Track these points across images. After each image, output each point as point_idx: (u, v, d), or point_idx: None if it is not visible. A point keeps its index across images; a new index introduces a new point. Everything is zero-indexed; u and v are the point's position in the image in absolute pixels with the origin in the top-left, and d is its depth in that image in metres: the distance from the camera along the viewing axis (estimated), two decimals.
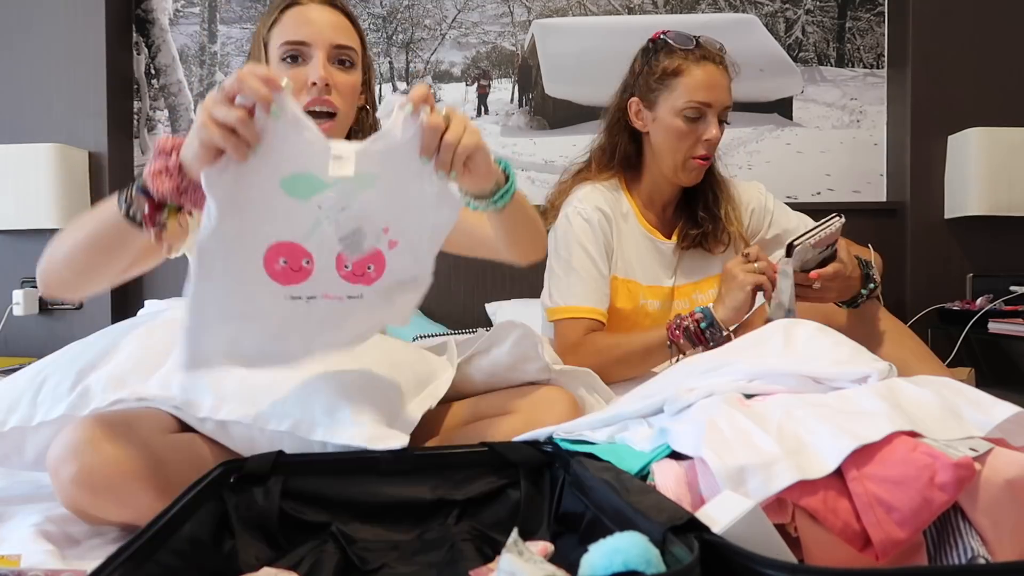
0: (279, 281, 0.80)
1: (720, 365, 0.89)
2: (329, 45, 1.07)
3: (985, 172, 2.11)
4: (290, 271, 0.80)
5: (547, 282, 1.48)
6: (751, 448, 0.66)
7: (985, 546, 0.61)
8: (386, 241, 0.83)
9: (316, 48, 1.06)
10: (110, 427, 0.84)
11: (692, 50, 1.41)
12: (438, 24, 2.49)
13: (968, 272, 2.24)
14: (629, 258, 1.48)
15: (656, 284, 1.50)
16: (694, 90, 1.39)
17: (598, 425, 0.89)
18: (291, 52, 1.06)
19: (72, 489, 0.82)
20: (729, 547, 0.51)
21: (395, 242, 0.83)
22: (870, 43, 2.42)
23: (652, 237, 1.50)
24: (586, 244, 1.42)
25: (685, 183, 1.46)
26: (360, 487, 0.78)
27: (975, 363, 2.08)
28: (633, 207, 1.50)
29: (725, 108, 1.42)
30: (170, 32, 2.50)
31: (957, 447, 0.64)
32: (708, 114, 1.39)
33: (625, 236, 1.48)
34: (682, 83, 1.40)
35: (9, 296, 2.28)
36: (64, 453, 0.82)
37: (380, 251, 0.83)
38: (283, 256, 0.79)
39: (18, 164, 2.21)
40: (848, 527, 0.62)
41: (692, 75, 1.39)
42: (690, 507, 0.65)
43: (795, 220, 1.60)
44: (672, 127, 1.41)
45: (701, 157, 1.41)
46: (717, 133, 1.39)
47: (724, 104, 1.41)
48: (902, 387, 0.77)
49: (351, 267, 0.82)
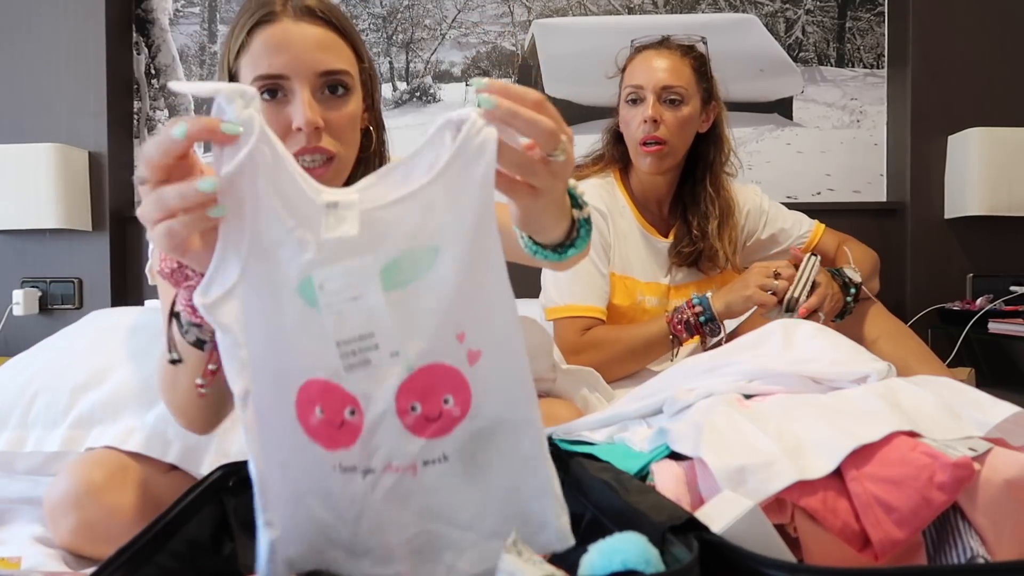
0: (321, 443, 0.52)
1: (719, 365, 0.89)
2: (313, 75, 0.84)
3: (985, 172, 2.11)
4: (331, 428, 0.52)
5: (546, 281, 1.48)
6: (750, 448, 0.66)
7: (984, 546, 0.62)
8: (464, 353, 0.51)
9: (297, 81, 0.83)
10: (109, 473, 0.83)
11: (638, 46, 1.50)
12: (438, 24, 2.49)
13: (968, 272, 2.23)
14: (626, 255, 1.48)
15: (653, 281, 1.50)
16: (630, 76, 1.47)
17: (597, 425, 0.89)
18: (267, 87, 0.83)
19: (71, 539, 0.81)
20: (728, 547, 0.51)
21: (477, 352, 0.51)
22: (870, 43, 2.42)
23: (648, 235, 1.51)
24: None
25: (646, 171, 1.46)
26: None
27: (975, 363, 2.08)
28: (629, 204, 1.51)
29: (665, 87, 1.41)
30: (170, 32, 2.50)
31: (956, 447, 0.64)
32: (643, 94, 1.43)
33: (622, 233, 1.48)
34: (626, 75, 1.50)
35: (9, 296, 2.28)
36: (64, 503, 0.80)
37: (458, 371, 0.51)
38: (319, 403, 0.52)
39: (18, 164, 2.21)
40: (847, 527, 0.62)
41: (632, 64, 1.49)
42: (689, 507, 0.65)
43: (790, 220, 1.61)
44: (622, 116, 1.49)
45: (645, 141, 1.42)
46: (650, 113, 1.40)
47: (661, 83, 1.41)
48: (901, 387, 0.77)
49: (420, 409, 0.51)
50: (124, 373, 0.99)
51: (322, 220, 0.49)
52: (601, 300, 1.43)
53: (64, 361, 1.03)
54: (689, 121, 1.43)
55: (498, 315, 0.51)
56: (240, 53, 0.85)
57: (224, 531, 0.70)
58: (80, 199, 2.27)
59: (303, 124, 0.82)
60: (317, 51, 0.84)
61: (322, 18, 0.86)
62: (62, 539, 0.82)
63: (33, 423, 0.94)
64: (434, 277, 0.50)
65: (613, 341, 1.36)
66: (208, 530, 0.67)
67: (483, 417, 0.52)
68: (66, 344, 1.09)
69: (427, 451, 0.51)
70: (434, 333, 0.50)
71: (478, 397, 0.51)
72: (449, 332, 0.51)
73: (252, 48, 0.84)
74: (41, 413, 0.94)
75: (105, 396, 0.95)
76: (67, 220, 2.22)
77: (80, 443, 0.91)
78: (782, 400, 0.78)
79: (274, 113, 0.83)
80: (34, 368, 1.02)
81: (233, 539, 0.70)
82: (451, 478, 0.52)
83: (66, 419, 0.93)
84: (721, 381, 0.85)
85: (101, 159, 2.33)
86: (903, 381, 0.79)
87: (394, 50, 2.49)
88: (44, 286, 2.32)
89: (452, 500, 0.52)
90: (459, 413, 0.51)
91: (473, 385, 0.51)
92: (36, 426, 0.93)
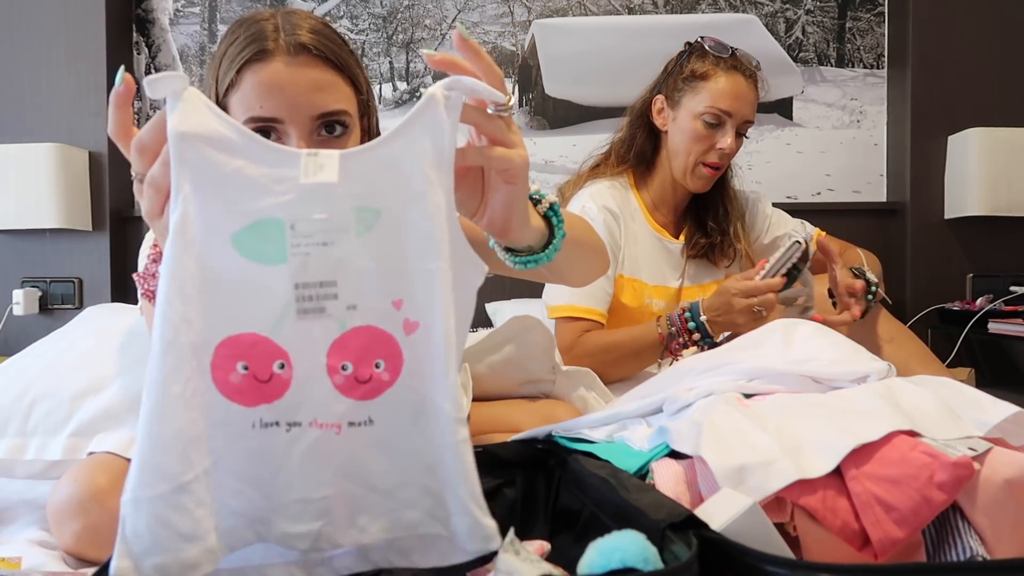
0: (237, 400, 0.51)
1: (719, 365, 0.89)
2: (309, 119, 0.80)
3: (985, 172, 2.11)
4: (255, 383, 0.51)
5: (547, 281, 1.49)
6: (750, 447, 0.66)
7: (984, 546, 0.61)
8: (400, 321, 0.52)
9: (292, 125, 0.79)
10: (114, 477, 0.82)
11: (725, 58, 1.42)
12: (438, 24, 2.49)
13: (968, 272, 2.23)
14: (636, 257, 1.48)
15: (662, 284, 1.50)
16: (717, 96, 1.39)
17: (597, 424, 0.89)
18: (259, 129, 0.79)
19: (76, 543, 0.81)
20: (728, 544, 0.51)
21: (415, 324, 0.52)
22: (870, 43, 2.42)
23: (660, 237, 1.51)
24: None
25: (692, 188, 1.46)
26: None
27: (975, 363, 2.08)
28: (641, 206, 1.51)
29: (746, 122, 1.43)
30: (170, 32, 2.50)
31: (956, 446, 0.64)
32: (727, 123, 1.40)
33: (633, 235, 1.48)
34: (707, 87, 1.41)
35: (9, 296, 2.28)
36: (68, 508, 0.81)
37: (392, 336, 0.52)
38: (242, 359, 0.50)
39: (18, 164, 2.21)
40: (847, 526, 0.62)
41: (718, 81, 1.40)
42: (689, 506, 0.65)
43: (791, 226, 1.62)
44: (689, 129, 1.42)
45: (712, 165, 1.42)
46: (732, 144, 1.40)
47: (745, 117, 1.42)
48: (901, 387, 0.77)
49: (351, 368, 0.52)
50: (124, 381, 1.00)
51: (299, 165, 0.49)
52: (602, 303, 1.43)
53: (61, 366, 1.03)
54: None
55: (437, 295, 0.50)
56: (230, 90, 0.81)
57: None
58: (80, 199, 2.27)
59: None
60: (313, 93, 0.79)
61: (318, 55, 0.80)
62: (66, 544, 0.82)
63: (33, 431, 0.94)
64: (371, 239, 0.51)
65: (604, 350, 1.36)
66: None
67: (411, 389, 0.52)
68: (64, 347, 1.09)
69: (353, 412, 0.52)
70: (370, 295, 0.51)
71: (409, 366, 0.52)
72: (385, 297, 0.51)
73: (243, 87, 0.80)
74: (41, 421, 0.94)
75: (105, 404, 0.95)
76: (67, 220, 2.22)
77: (81, 451, 0.92)
78: (782, 399, 0.78)
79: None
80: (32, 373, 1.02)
81: None
82: (374, 443, 0.52)
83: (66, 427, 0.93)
84: (721, 380, 0.85)
85: (101, 159, 2.33)
86: (903, 381, 0.79)
87: (394, 50, 2.49)
88: (44, 286, 2.32)
89: (373, 465, 0.52)
90: (388, 379, 0.52)
91: (406, 354, 0.52)
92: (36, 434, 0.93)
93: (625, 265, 1.47)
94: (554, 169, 2.41)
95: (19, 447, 0.92)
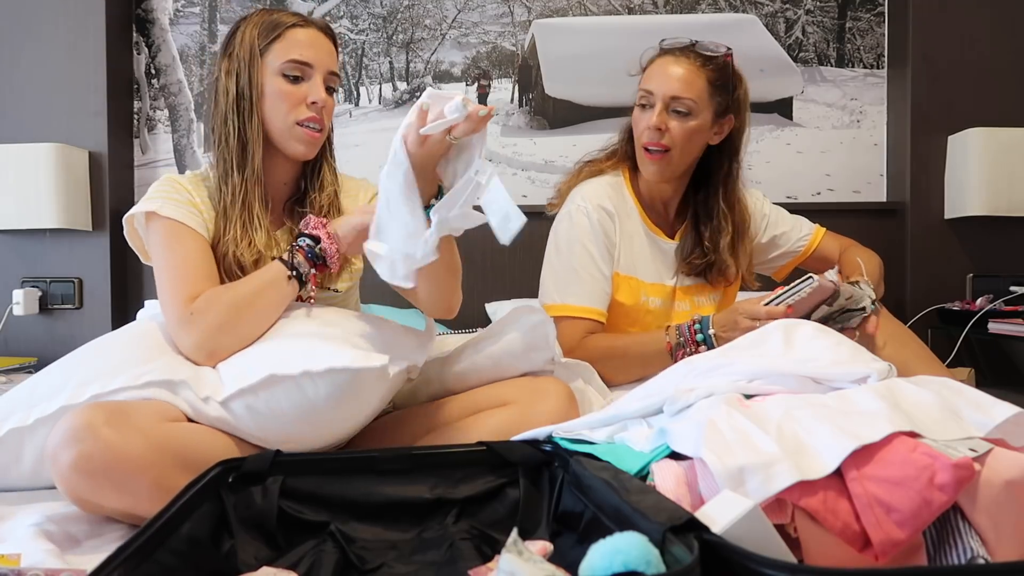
0: None
1: (720, 365, 0.89)
2: (327, 71, 1.16)
3: (985, 172, 2.11)
4: None
5: (546, 278, 1.48)
6: (751, 448, 0.66)
7: (985, 546, 0.61)
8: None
9: (317, 71, 1.15)
10: (110, 413, 0.85)
11: (662, 48, 1.46)
12: (438, 24, 2.49)
13: (968, 272, 2.23)
14: (632, 255, 1.48)
15: (658, 282, 1.50)
16: (646, 79, 1.44)
17: (597, 425, 0.89)
18: (294, 72, 1.13)
19: (71, 475, 0.83)
20: (729, 547, 0.51)
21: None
22: (870, 43, 2.42)
23: (655, 236, 1.50)
24: (587, 243, 1.42)
25: (647, 176, 1.45)
26: (359, 486, 0.78)
27: (975, 363, 2.08)
28: (636, 204, 1.50)
29: (673, 97, 1.39)
30: (170, 32, 2.50)
31: (957, 447, 0.64)
32: (654, 102, 1.40)
33: (628, 233, 1.48)
34: (643, 76, 1.46)
35: (9, 296, 2.28)
36: (64, 438, 0.83)
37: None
38: None
39: (18, 164, 2.21)
40: (848, 527, 0.62)
41: (650, 67, 1.45)
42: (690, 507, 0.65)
43: (790, 223, 1.61)
44: (632, 117, 1.47)
45: (647, 147, 1.41)
46: (655, 121, 1.38)
47: (669, 92, 1.39)
48: (902, 387, 0.77)
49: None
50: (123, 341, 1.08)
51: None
52: (601, 302, 1.42)
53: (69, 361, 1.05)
54: (696, 132, 1.41)
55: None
56: (274, 41, 1.14)
57: (223, 528, 0.71)
58: (80, 199, 2.27)
59: (319, 99, 1.14)
60: (330, 57, 1.18)
61: (332, 39, 1.20)
62: (63, 479, 0.84)
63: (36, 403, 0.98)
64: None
65: (608, 356, 1.35)
66: (207, 527, 0.67)
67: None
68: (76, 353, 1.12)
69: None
70: None
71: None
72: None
73: (288, 38, 1.14)
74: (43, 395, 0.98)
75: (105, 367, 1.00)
76: (67, 220, 2.22)
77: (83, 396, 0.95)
78: (782, 400, 0.78)
79: (294, 89, 1.13)
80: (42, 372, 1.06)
81: (232, 536, 0.71)
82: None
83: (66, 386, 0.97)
84: (721, 381, 0.85)
85: (101, 159, 2.33)
86: (903, 381, 0.79)
87: (394, 50, 2.49)
88: (44, 286, 2.32)
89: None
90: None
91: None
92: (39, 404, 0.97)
93: (621, 263, 1.47)
94: (554, 169, 2.41)
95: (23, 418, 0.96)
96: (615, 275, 1.46)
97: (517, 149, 2.47)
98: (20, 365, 2.08)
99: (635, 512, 0.57)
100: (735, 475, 0.63)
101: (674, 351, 1.30)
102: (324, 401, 0.91)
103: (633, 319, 1.47)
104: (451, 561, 0.69)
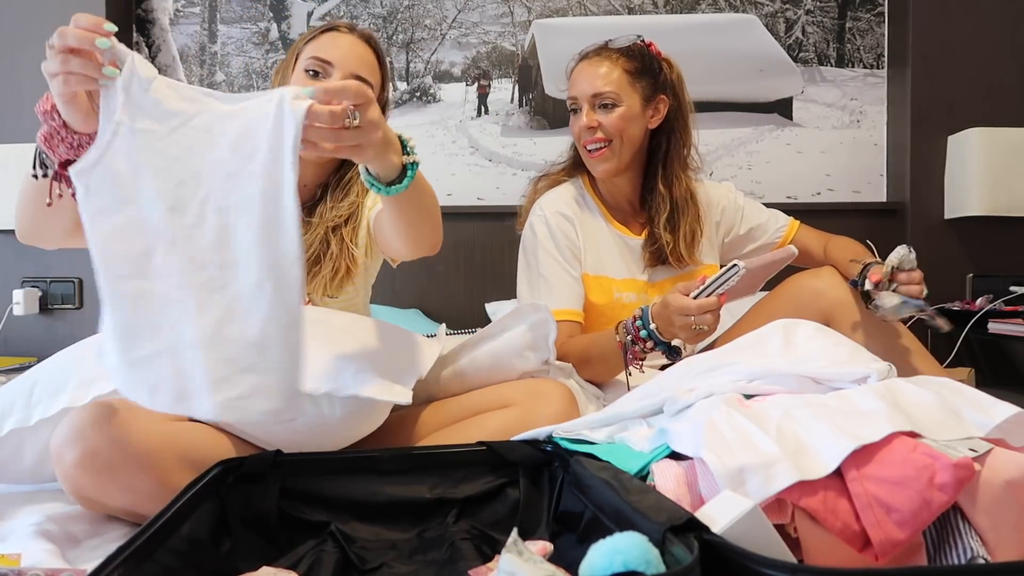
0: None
1: (720, 365, 0.89)
2: (348, 72, 1.15)
3: (985, 172, 2.11)
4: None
5: (521, 290, 1.52)
6: (751, 449, 0.66)
7: (985, 546, 0.61)
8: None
9: (337, 70, 1.15)
10: (114, 411, 0.85)
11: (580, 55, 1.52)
12: (438, 24, 2.49)
13: (968, 272, 2.23)
14: (599, 255, 1.49)
15: (630, 278, 1.50)
16: (570, 88, 1.51)
17: (597, 425, 0.89)
18: (314, 67, 1.15)
19: (75, 472, 0.83)
20: (729, 547, 0.51)
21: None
22: (870, 43, 2.42)
23: (620, 234, 1.52)
24: (551, 249, 1.45)
25: (598, 176, 1.49)
26: (359, 486, 0.78)
27: (975, 363, 2.08)
28: (599, 205, 1.53)
29: (594, 95, 1.43)
30: (170, 32, 2.50)
31: (957, 447, 0.64)
32: (580, 105, 1.45)
33: (593, 234, 1.49)
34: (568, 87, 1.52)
35: (9, 296, 2.28)
36: (68, 436, 0.83)
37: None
38: None
39: (18, 164, 2.21)
40: (848, 527, 0.62)
41: (571, 76, 1.52)
42: (690, 507, 0.65)
43: (765, 215, 1.61)
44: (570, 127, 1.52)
45: (587, 147, 1.46)
46: (585, 121, 1.43)
47: (589, 92, 1.44)
48: (901, 387, 0.77)
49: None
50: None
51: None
52: (575, 303, 1.45)
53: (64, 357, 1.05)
54: (628, 120, 1.43)
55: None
56: (309, 42, 1.19)
57: (223, 528, 0.71)
58: None
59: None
60: (358, 60, 1.18)
61: (371, 46, 1.21)
62: (68, 476, 0.84)
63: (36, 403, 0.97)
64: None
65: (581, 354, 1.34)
66: (207, 527, 0.67)
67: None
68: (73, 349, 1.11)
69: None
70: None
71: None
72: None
73: (318, 40, 1.18)
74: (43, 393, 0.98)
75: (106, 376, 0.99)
76: None
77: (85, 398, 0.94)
78: (782, 400, 0.78)
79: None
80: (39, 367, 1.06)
81: (232, 535, 0.71)
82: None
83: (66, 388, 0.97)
84: (721, 381, 0.85)
85: None
86: (903, 381, 0.79)
87: (394, 50, 2.49)
88: (44, 286, 2.32)
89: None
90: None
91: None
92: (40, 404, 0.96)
93: (589, 263, 1.48)
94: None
95: (25, 419, 0.96)
96: (584, 276, 1.48)
97: (517, 149, 2.47)
98: (20, 365, 2.08)
99: (635, 512, 0.57)
100: (735, 475, 0.63)
101: (626, 348, 1.27)
102: (338, 420, 0.91)
103: (609, 317, 1.47)
104: (451, 561, 0.70)
